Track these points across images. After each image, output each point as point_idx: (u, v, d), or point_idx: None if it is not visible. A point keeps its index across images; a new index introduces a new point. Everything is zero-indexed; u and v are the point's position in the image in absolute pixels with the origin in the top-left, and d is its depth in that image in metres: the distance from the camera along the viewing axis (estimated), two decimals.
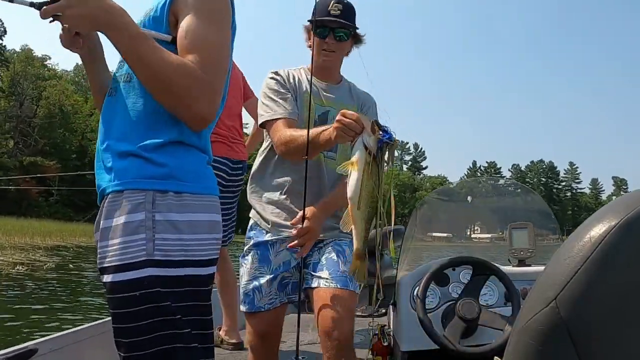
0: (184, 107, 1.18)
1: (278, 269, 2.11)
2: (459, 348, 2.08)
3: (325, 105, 2.20)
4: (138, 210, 1.16)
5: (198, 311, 1.20)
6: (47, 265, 12.82)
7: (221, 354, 3.29)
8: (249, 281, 2.13)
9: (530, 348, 0.64)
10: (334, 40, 2.14)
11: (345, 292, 1.96)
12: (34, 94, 56.86)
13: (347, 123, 1.69)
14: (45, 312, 7.34)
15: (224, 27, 1.25)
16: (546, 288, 0.65)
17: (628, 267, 0.62)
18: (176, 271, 1.16)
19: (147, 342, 1.14)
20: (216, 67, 1.19)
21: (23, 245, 17.82)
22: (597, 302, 0.62)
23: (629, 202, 0.65)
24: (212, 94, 1.18)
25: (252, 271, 2.13)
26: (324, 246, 2.10)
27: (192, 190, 1.22)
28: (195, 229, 1.21)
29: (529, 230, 2.54)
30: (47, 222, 34.29)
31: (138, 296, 1.13)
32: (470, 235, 3.90)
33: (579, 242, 0.64)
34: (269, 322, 2.14)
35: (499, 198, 3.46)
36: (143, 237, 1.15)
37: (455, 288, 2.39)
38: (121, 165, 1.21)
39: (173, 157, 1.21)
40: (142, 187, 1.18)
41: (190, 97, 1.15)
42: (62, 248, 19.50)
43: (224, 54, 1.23)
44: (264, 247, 2.13)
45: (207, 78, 1.15)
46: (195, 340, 1.19)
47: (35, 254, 15.23)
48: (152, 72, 1.15)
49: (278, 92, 2.15)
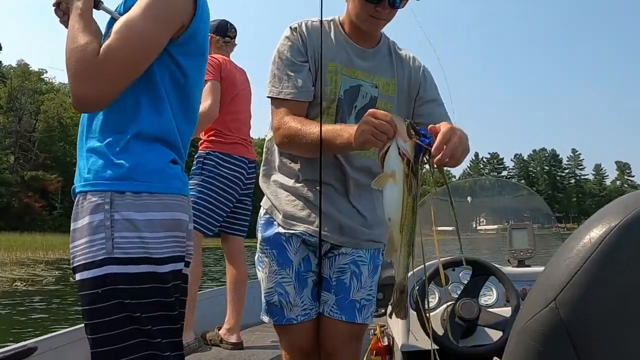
0: (71, 86, 1.21)
1: (300, 268, 1.75)
2: (458, 348, 2.08)
3: (356, 78, 1.74)
4: (98, 211, 1.21)
5: (161, 307, 1.24)
6: (45, 280, 12.79)
7: (220, 353, 3.28)
8: (271, 289, 1.77)
9: (530, 348, 0.64)
10: (388, 7, 1.65)
11: (349, 327, 1.74)
12: (32, 109, 56.93)
13: (378, 125, 1.35)
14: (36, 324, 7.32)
15: (159, 24, 1.25)
16: (546, 288, 0.65)
17: (628, 267, 0.62)
18: (135, 268, 1.21)
19: (111, 338, 1.19)
20: (119, 56, 1.20)
21: (24, 260, 17.85)
22: (597, 302, 0.62)
23: (629, 203, 0.65)
24: (98, 81, 1.19)
25: (273, 276, 1.76)
26: (340, 257, 1.76)
27: (151, 190, 1.24)
28: (155, 227, 1.23)
29: (529, 230, 2.55)
30: (51, 235, 34.25)
31: (101, 293, 1.19)
32: (477, 228, 3.90)
33: (578, 243, 0.64)
34: (308, 337, 1.78)
35: (499, 198, 3.46)
36: (103, 236, 1.20)
37: (455, 288, 2.40)
38: (84, 167, 1.27)
39: (133, 156, 1.24)
40: (101, 189, 1.22)
41: (74, 77, 1.20)
42: (64, 261, 19.37)
43: (142, 44, 1.23)
44: (280, 245, 1.76)
45: (98, 62, 1.18)
46: (159, 335, 1.23)
47: (36, 269, 15.20)
48: (66, 49, 1.22)
49: (290, 62, 1.70)
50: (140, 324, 1.20)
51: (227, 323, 3.46)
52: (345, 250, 1.76)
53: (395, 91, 1.79)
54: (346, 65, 1.73)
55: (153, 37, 1.24)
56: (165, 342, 1.24)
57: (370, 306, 1.78)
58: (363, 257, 1.77)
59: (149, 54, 1.24)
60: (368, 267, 1.77)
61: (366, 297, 1.77)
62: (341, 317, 1.72)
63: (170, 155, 1.31)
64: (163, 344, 1.23)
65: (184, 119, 1.36)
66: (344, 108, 1.73)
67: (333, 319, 1.73)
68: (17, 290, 11.14)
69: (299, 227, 1.73)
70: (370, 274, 1.78)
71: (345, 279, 1.74)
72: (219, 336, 3.44)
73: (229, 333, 3.42)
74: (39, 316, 8.21)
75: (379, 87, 1.77)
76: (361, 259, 1.77)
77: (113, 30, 1.22)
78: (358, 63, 1.75)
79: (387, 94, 1.78)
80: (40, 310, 8.84)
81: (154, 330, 1.22)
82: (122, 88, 1.23)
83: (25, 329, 6.97)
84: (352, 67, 1.74)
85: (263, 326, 4.13)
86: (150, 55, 1.25)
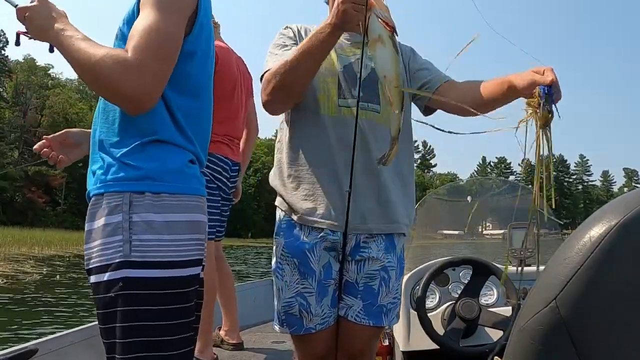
0: (111, 94, 1.19)
1: (321, 277, 1.67)
2: (459, 348, 2.08)
3: (351, 55, 1.74)
4: (115, 212, 1.18)
5: (178, 312, 1.20)
6: (28, 278, 12.42)
7: (221, 354, 3.29)
8: (291, 299, 1.68)
9: (531, 348, 0.64)
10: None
11: (375, 330, 1.72)
12: (37, 104, 57.13)
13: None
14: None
15: (173, 14, 1.23)
16: (546, 288, 0.65)
17: (628, 266, 0.62)
18: (154, 272, 1.17)
19: (124, 344, 1.15)
20: (151, 50, 1.18)
21: (17, 257, 17.52)
22: (597, 301, 0.62)
23: (629, 202, 0.65)
24: (141, 77, 1.16)
25: (294, 286, 1.68)
26: (370, 262, 1.68)
27: (171, 190, 1.22)
28: (174, 229, 1.20)
29: (529, 230, 2.54)
30: (53, 231, 34.17)
31: (113, 297, 1.15)
32: (482, 232, 3.89)
33: (578, 242, 0.64)
34: (327, 344, 1.72)
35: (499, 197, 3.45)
36: (120, 238, 1.16)
37: (455, 288, 2.40)
38: (101, 168, 1.23)
39: (150, 158, 1.22)
40: (120, 190, 1.19)
41: (115, 83, 1.15)
42: (59, 258, 19.17)
43: (164, 38, 1.21)
44: (303, 254, 1.66)
45: (135, 62, 1.15)
46: (176, 344, 1.19)
47: (25, 265, 14.94)
48: (80, 67, 1.20)
49: (281, 46, 1.73)
50: (155, 331, 1.16)
51: (224, 325, 3.48)
52: (376, 255, 1.68)
53: None
54: (339, 45, 1.69)
55: (170, 28, 1.23)
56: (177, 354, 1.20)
57: (395, 308, 1.74)
58: (392, 262, 1.71)
59: (170, 43, 1.23)
60: (396, 271, 1.73)
61: (392, 301, 1.73)
62: (369, 322, 1.68)
63: (189, 156, 1.29)
64: (176, 351, 1.20)
65: (199, 119, 1.34)
66: (347, 81, 1.70)
67: (360, 324, 1.68)
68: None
69: (321, 223, 1.65)
70: (397, 277, 1.73)
71: (374, 285, 1.68)
72: (220, 337, 3.45)
73: (229, 334, 3.44)
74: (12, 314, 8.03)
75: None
76: (390, 264, 1.71)
77: (133, 29, 1.21)
78: (351, 41, 1.76)
79: None
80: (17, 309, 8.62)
81: (166, 339, 1.18)
82: (166, 80, 1.21)
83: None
84: (343, 48, 1.74)
85: (263, 326, 4.15)
86: (172, 44, 1.23)
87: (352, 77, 1.70)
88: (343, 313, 1.69)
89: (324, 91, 1.69)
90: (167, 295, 1.18)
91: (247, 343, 3.51)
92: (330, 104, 1.68)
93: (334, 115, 1.67)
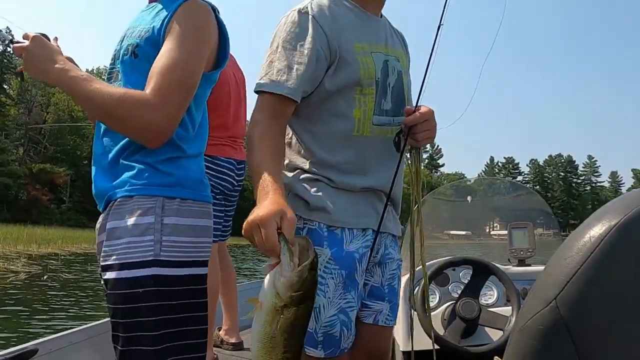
0: (131, 132, 1.29)
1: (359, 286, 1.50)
2: (459, 348, 2.08)
3: (385, 53, 1.51)
4: (148, 214, 1.27)
5: (196, 308, 1.31)
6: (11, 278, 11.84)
7: (221, 354, 3.29)
8: (333, 317, 1.43)
9: (530, 348, 0.65)
10: None
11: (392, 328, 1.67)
12: (42, 101, 57.27)
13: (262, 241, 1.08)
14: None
15: (200, 48, 1.34)
16: (546, 288, 0.65)
17: (628, 266, 0.62)
18: (178, 271, 1.28)
19: (149, 338, 1.23)
20: (176, 88, 1.27)
21: (10, 254, 17.12)
22: (597, 301, 0.62)
23: (628, 202, 0.65)
24: (160, 115, 1.25)
25: (337, 301, 1.43)
26: (391, 263, 1.60)
27: (194, 197, 1.34)
28: (195, 232, 1.33)
29: (529, 230, 2.55)
30: (57, 229, 33.79)
31: (141, 293, 1.24)
32: (490, 232, 3.88)
33: (578, 242, 0.65)
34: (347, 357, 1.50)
35: (499, 197, 3.45)
36: (151, 238, 1.25)
37: (455, 288, 2.40)
38: (130, 173, 1.31)
39: (178, 167, 1.33)
40: (152, 194, 1.29)
41: (135, 122, 1.26)
42: (54, 256, 18.72)
43: (188, 74, 1.31)
44: (352, 265, 1.45)
45: (154, 101, 1.24)
46: (199, 334, 1.31)
47: (16, 263, 14.54)
48: (96, 107, 1.30)
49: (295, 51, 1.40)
50: (179, 324, 1.27)
51: (224, 325, 3.49)
52: (394, 255, 1.61)
53: (407, 64, 1.64)
54: (368, 41, 1.47)
55: (192, 61, 1.32)
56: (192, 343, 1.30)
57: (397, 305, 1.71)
58: (400, 261, 1.65)
59: (191, 77, 1.32)
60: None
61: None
62: (393, 322, 1.62)
63: (202, 164, 1.42)
64: (200, 339, 1.32)
65: (203, 128, 1.45)
66: (381, 90, 1.48)
67: (389, 326, 1.60)
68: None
69: (365, 219, 1.48)
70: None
71: (395, 284, 1.62)
72: (219, 337, 3.47)
73: (229, 334, 3.45)
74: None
75: (400, 60, 1.56)
76: (399, 262, 1.65)
77: (159, 64, 1.28)
78: (380, 35, 1.53)
79: (405, 68, 1.60)
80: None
81: (190, 328, 1.29)
82: (185, 109, 1.31)
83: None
84: (378, 42, 1.50)
85: None
86: (193, 77, 1.32)
87: (384, 83, 1.49)
88: (372, 320, 1.55)
89: (361, 104, 1.45)
90: (191, 290, 1.30)
91: (247, 343, 3.51)
92: (366, 121, 1.46)
93: (368, 136, 1.47)
